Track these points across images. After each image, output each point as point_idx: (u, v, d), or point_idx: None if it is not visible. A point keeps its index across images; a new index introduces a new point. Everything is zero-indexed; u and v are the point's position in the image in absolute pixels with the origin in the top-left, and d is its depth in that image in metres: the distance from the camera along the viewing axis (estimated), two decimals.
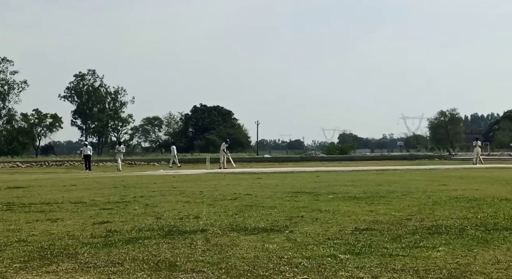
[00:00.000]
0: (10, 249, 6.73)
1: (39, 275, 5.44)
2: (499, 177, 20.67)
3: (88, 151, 39.58)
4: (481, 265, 5.58)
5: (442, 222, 8.47)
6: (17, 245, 7.02)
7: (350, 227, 8.06)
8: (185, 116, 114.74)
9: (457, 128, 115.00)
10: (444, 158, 59.78)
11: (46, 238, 7.47)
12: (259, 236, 7.39)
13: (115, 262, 5.93)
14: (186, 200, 12.42)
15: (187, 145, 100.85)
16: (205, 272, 5.40)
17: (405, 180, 19.04)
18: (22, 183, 20.20)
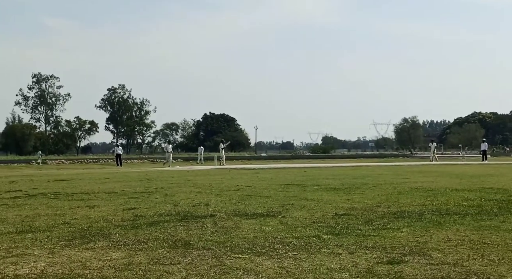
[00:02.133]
0: (56, 230, 6.73)
1: (80, 251, 5.44)
2: (450, 172, 20.65)
3: (119, 150, 39.62)
4: (436, 242, 5.59)
5: (405, 208, 8.46)
6: (62, 226, 7.03)
7: (331, 212, 8.06)
8: (197, 122, 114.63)
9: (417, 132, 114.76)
10: (407, 156, 59.73)
11: (85, 221, 7.47)
12: (258, 220, 7.39)
13: (141, 241, 5.94)
14: (198, 190, 12.40)
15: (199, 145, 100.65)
16: (213, 249, 5.40)
17: (375, 174, 19.01)
18: (66, 176, 20.17)
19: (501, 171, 21.42)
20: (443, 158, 46.90)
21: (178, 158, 55.23)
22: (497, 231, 6.23)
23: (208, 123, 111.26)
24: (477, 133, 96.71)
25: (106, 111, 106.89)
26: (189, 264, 4.78)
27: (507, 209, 8.20)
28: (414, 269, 4.47)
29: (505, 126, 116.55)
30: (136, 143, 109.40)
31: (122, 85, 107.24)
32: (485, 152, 39.67)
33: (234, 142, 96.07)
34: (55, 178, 18.65)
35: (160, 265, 4.75)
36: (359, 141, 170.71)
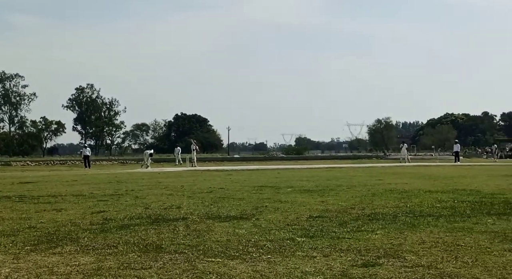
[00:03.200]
0: (22, 234, 6.60)
1: (46, 256, 5.34)
2: (423, 173, 20.98)
3: (87, 151, 39.11)
4: (410, 244, 5.66)
5: (379, 210, 8.55)
6: (28, 230, 6.89)
7: (305, 215, 8.09)
8: (168, 123, 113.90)
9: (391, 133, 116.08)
10: (380, 158, 60.43)
11: (52, 225, 7.34)
12: (231, 222, 7.38)
13: (111, 245, 5.86)
14: (170, 193, 12.31)
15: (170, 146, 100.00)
16: (186, 253, 5.37)
17: (349, 176, 19.18)
18: (31, 178, 19.79)
19: (474, 172, 21.85)
20: (416, 159, 47.63)
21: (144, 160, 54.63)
22: (470, 232, 6.34)
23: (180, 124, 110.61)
24: (449, 134, 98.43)
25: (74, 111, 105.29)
26: (161, 269, 4.74)
27: (479, 210, 8.36)
28: (388, 272, 4.51)
29: (477, 127, 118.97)
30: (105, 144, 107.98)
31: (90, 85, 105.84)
32: (458, 153, 40.44)
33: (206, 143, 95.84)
34: (20, 180, 18.29)
35: (130, 270, 4.70)
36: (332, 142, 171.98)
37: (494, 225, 6.87)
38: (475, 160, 49.18)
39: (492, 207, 8.73)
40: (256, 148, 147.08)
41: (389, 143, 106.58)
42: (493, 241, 5.80)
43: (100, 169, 33.67)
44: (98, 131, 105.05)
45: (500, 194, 11.02)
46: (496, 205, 8.99)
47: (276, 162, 46.85)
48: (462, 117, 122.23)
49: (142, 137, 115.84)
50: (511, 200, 9.74)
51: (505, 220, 7.29)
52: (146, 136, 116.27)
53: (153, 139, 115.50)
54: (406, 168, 28.37)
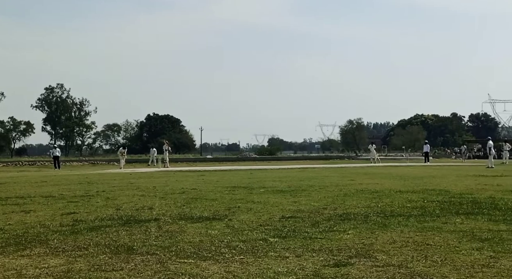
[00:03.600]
0: None
1: (15, 258, 5.24)
2: (394, 173, 21.26)
3: (57, 152, 38.56)
4: (381, 244, 5.73)
5: (351, 210, 8.62)
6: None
7: (278, 215, 8.11)
8: (140, 123, 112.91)
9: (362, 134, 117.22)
10: (352, 158, 60.95)
11: (20, 227, 7.20)
12: (203, 223, 7.35)
13: (81, 246, 5.78)
14: (142, 194, 12.21)
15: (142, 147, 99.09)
16: (158, 254, 5.33)
17: (321, 176, 19.30)
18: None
19: (443, 172, 22.23)
20: (387, 160, 48.21)
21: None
22: (439, 232, 6.45)
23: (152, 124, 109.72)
24: (419, 135, 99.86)
25: (43, 111, 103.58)
26: (132, 270, 4.69)
27: (448, 210, 8.51)
28: (360, 271, 4.56)
29: (446, 128, 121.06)
30: (76, 145, 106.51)
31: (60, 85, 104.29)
32: (427, 154, 41.09)
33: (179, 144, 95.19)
34: None
35: (101, 272, 4.64)
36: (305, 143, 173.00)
37: (463, 225, 7.00)
38: (444, 160, 50.05)
39: (461, 207, 8.90)
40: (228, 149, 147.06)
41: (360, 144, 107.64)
42: (461, 240, 5.91)
43: (70, 170, 33.16)
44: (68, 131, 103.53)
45: (468, 194, 11.23)
46: (464, 205, 9.16)
47: (249, 163, 46.84)
48: (431, 118, 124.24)
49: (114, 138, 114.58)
50: (479, 200, 9.94)
51: (473, 220, 7.44)
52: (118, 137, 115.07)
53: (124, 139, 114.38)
54: (377, 168, 28.69)
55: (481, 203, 9.36)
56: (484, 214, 8.00)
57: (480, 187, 13.17)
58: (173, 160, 44.42)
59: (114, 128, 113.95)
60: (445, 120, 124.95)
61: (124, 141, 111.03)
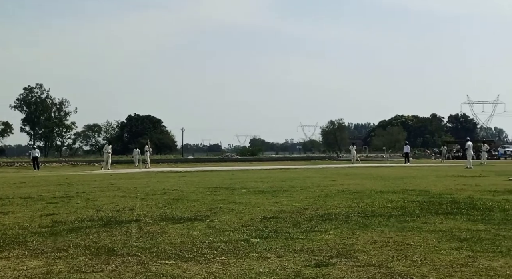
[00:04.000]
0: None
1: None
2: (375, 174, 21.42)
3: (36, 153, 38.19)
4: (362, 244, 5.76)
5: (332, 210, 8.66)
6: None
7: (259, 216, 8.11)
8: (121, 124, 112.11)
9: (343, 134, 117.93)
10: (333, 159, 61.27)
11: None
12: (185, 224, 7.32)
13: (60, 248, 5.72)
14: (122, 194, 12.12)
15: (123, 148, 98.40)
16: (139, 256, 5.29)
17: (303, 177, 19.37)
18: None
19: (423, 172, 22.46)
20: (367, 160, 48.57)
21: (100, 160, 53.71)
22: (419, 232, 6.51)
23: (133, 125, 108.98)
24: (399, 136, 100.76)
25: (22, 112, 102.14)
26: (113, 272, 4.65)
27: (428, 210, 8.60)
28: (341, 272, 4.58)
29: (426, 129, 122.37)
30: (55, 145, 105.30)
31: (39, 85, 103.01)
32: (408, 154, 41.53)
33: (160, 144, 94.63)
34: None
35: (81, 273, 4.60)
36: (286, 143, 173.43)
37: (442, 224, 7.08)
38: (424, 160, 50.59)
39: (440, 207, 9.00)
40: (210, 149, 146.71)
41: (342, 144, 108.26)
42: (441, 240, 5.97)
43: (50, 171, 32.79)
44: (47, 132, 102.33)
45: (447, 194, 11.36)
46: (443, 205, 9.26)
47: (231, 163, 46.80)
48: (411, 119, 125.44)
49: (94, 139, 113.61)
50: (458, 200, 10.06)
51: (452, 219, 7.53)
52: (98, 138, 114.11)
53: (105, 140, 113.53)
54: (358, 168, 28.88)
55: (460, 203, 9.47)
56: (463, 214, 8.10)
57: (459, 187, 13.33)
58: (154, 161, 44.19)
59: (94, 129, 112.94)
60: (425, 121, 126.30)
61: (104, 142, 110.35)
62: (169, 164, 45.31)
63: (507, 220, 7.45)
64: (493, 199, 10.22)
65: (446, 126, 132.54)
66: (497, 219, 7.55)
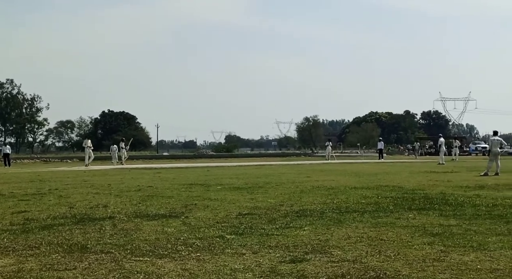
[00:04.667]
0: None
1: None
2: (349, 170, 21.60)
3: (7, 149, 37.52)
4: (337, 240, 5.81)
5: (307, 206, 8.71)
6: None
7: (235, 212, 8.11)
8: (94, 120, 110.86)
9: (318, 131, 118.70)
10: (308, 155, 61.58)
11: None
12: (159, 221, 7.28)
13: (32, 246, 5.64)
14: (96, 191, 11.99)
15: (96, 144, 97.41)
16: (113, 253, 5.25)
17: (278, 173, 19.42)
18: None
19: (396, 169, 22.75)
20: (342, 157, 48.96)
21: (73, 157, 53.09)
22: (392, 227, 6.59)
23: (107, 121, 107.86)
24: (374, 132, 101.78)
25: None
26: (86, 269, 4.60)
27: (401, 206, 8.71)
28: (315, 267, 4.61)
29: (400, 125, 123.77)
30: (27, 142, 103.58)
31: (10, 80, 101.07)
32: (382, 151, 41.95)
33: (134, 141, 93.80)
34: None
35: (53, 271, 4.54)
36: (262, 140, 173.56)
37: (415, 220, 7.18)
38: (398, 157, 51.21)
39: (413, 202, 9.12)
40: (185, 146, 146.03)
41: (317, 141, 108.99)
42: (413, 235, 6.06)
43: (21, 168, 32.23)
44: (19, 128, 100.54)
45: (420, 190, 11.53)
46: (416, 200, 9.39)
47: (206, 160, 46.66)
48: (385, 115, 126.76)
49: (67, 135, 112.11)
50: (430, 196, 10.21)
51: (425, 215, 7.64)
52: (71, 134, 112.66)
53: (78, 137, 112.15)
54: (333, 165, 29.09)
55: (433, 199, 9.62)
56: (435, 209, 8.23)
57: (431, 183, 13.54)
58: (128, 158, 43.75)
59: (67, 125, 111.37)
60: (399, 118, 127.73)
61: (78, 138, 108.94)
62: (143, 161, 44.99)
63: (478, 215, 7.59)
64: (464, 195, 10.41)
65: (419, 123, 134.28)
66: (468, 214, 7.69)
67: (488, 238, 5.79)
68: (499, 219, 7.14)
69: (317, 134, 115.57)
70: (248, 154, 75.79)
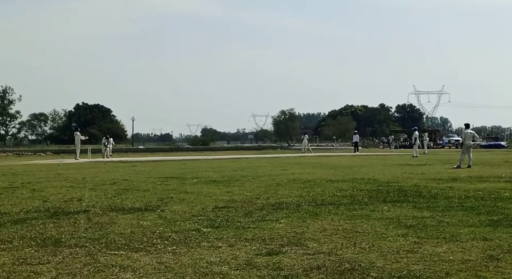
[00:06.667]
0: None
1: None
2: (325, 163, 21.74)
3: None
4: (312, 232, 5.85)
5: (283, 199, 8.75)
6: None
7: (211, 205, 8.11)
8: (68, 113, 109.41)
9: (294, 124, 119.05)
10: (284, 148, 61.78)
11: None
12: (135, 214, 7.24)
13: (5, 240, 5.55)
14: (70, 185, 11.84)
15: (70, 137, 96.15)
16: (87, 247, 5.20)
17: (255, 166, 19.44)
18: None
19: (371, 161, 22.96)
20: (318, 150, 49.25)
21: (47, 150, 52.30)
22: (367, 219, 6.67)
23: (81, 114, 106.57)
24: (349, 125, 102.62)
25: None
26: (60, 263, 4.55)
27: (376, 198, 8.81)
28: (291, 260, 4.64)
29: (375, 119, 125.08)
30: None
31: None
32: (357, 144, 42.27)
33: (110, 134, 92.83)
34: None
35: (26, 266, 4.48)
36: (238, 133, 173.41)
37: (389, 212, 7.27)
38: (373, 150, 51.72)
39: (388, 195, 9.23)
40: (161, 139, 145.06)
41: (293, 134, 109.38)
42: (388, 227, 6.14)
43: None
44: None
45: (395, 182, 11.66)
46: (391, 193, 9.51)
47: (182, 153, 46.41)
48: (361, 109, 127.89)
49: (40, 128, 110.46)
50: (404, 188, 10.34)
51: (399, 207, 7.74)
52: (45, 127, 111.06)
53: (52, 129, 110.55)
54: (308, 158, 29.24)
55: (407, 191, 9.75)
56: (410, 201, 8.34)
57: (406, 176, 13.71)
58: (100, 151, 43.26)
59: (40, 118, 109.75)
60: (374, 111, 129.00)
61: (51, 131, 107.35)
62: (119, 154, 44.53)
63: (450, 207, 7.72)
64: (437, 187, 10.57)
65: (394, 116, 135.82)
66: (441, 206, 7.81)
67: (460, 230, 5.90)
68: (471, 211, 7.27)
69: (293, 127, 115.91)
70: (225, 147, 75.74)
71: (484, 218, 6.71)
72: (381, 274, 4.16)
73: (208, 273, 4.25)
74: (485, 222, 6.42)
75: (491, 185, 11.03)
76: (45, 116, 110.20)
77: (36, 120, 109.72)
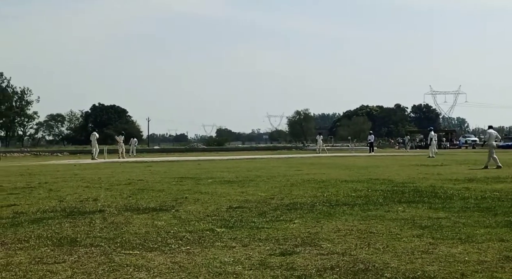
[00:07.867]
0: None
1: None
2: (340, 163, 21.65)
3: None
4: (326, 233, 5.83)
5: (297, 199, 8.73)
6: None
7: (225, 205, 8.12)
8: (85, 114, 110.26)
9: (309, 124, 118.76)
10: (299, 149, 61.65)
11: None
12: (150, 214, 7.27)
13: (22, 239, 5.61)
14: (86, 185, 11.94)
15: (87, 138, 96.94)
16: (102, 246, 5.23)
17: (269, 167, 19.43)
18: None
19: (386, 162, 22.82)
20: (333, 150, 49.07)
21: (64, 151, 52.79)
22: (382, 220, 6.62)
23: (97, 114, 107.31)
24: (364, 126, 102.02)
25: None
26: (76, 262, 4.59)
27: (391, 198, 8.75)
28: (305, 260, 4.62)
29: (390, 119, 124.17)
30: (17, 135, 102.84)
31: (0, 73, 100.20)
32: (372, 144, 42.05)
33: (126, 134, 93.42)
34: None
35: (43, 265, 4.52)
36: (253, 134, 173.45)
37: (404, 213, 7.22)
38: (388, 150, 51.40)
39: (403, 195, 9.17)
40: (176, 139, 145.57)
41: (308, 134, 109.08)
42: (403, 227, 6.09)
43: (11, 161, 31.99)
44: (8, 122, 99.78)
45: (410, 183, 11.58)
46: (406, 193, 9.44)
47: (197, 153, 46.55)
48: (376, 109, 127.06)
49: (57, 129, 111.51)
50: (420, 189, 10.26)
51: (414, 207, 7.68)
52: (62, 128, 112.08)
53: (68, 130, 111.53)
54: (323, 158, 29.15)
55: (422, 192, 9.67)
56: (425, 202, 8.28)
57: (421, 176, 13.61)
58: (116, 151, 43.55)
59: (57, 118, 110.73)
60: (389, 111, 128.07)
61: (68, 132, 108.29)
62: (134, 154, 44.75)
63: (466, 207, 7.65)
64: (453, 187, 10.48)
65: (409, 116, 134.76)
66: (457, 207, 7.74)
67: (476, 231, 5.84)
68: (487, 212, 7.20)
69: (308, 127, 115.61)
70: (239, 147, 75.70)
71: (501, 219, 6.63)
72: (395, 275, 4.13)
73: (222, 273, 4.26)
74: (501, 223, 6.34)
75: (509, 186, 10.90)
76: (62, 117, 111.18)
77: (53, 121, 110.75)
